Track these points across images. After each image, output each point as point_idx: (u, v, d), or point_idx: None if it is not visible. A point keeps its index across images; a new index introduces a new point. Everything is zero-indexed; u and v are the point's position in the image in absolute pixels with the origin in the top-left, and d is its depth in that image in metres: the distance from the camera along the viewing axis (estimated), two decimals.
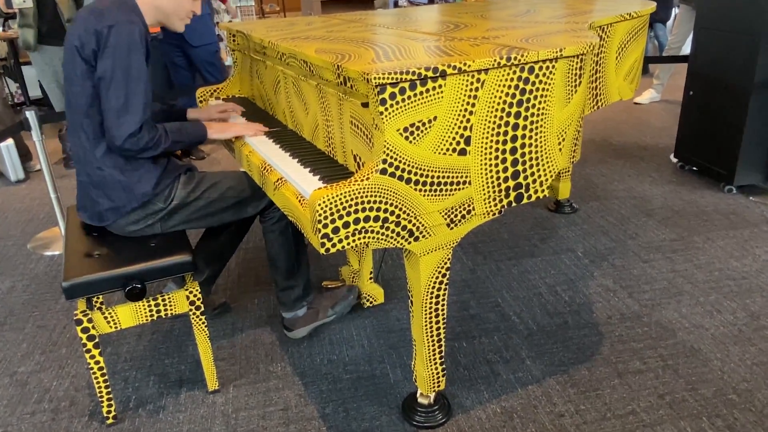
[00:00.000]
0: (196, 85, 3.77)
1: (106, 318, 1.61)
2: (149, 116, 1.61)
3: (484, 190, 1.41)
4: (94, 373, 1.64)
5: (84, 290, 1.57)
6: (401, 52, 1.44)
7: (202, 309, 1.71)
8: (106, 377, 1.66)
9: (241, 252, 2.71)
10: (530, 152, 1.44)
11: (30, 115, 2.61)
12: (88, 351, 1.61)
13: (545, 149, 1.46)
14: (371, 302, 2.22)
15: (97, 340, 1.60)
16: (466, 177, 1.38)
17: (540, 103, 1.40)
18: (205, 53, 3.88)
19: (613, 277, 2.36)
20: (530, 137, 1.42)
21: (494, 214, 1.46)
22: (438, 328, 1.57)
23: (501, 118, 1.37)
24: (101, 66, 1.55)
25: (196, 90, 2.39)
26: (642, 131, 4.19)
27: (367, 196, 1.26)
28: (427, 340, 1.57)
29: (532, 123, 1.41)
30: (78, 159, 1.70)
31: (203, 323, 1.73)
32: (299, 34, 1.88)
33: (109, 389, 1.68)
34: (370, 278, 2.23)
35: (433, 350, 1.60)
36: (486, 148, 1.38)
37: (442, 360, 1.62)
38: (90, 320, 1.58)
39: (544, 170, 1.48)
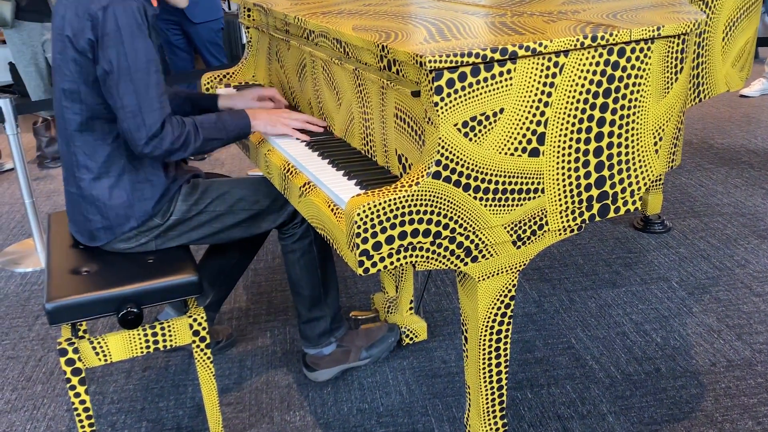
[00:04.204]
0: (198, 70, 3.87)
1: (94, 348, 1.65)
2: (169, 110, 1.63)
3: (560, 200, 1.42)
4: (79, 415, 1.68)
5: (71, 314, 1.62)
6: (459, 29, 1.47)
7: (208, 341, 1.75)
8: (93, 421, 1.70)
9: (251, 273, 2.76)
10: (619, 154, 1.44)
11: (4, 103, 2.71)
12: (73, 388, 1.65)
13: (638, 150, 1.46)
14: (411, 339, 2.23)
15: (83, 375, 1.65)
16: (539, 183, 1.39)
17: (632, 93, 1.41)
18: (207, 32, 3.98)
19: (717, 315, 2.33)
20: (619, 135, 1.43)
21: (572, 231, 1.47)
22: (499, 372, 1.57)
23: (583, 111, 1.38)
24: (103, 59, 1.58)
25: (195, 75, 2.46)
26: (751, 131, 4.13)
27: (415, 205, 1.28)
28: (485, 387, 1.58)
29: (621, 118, 1.41)
30: (68, 166, 1.74)
31: (208, 359, 1.77)
32: (331, 8, 1.93)
33: None
34: (410, 309, 2.24)
35: (492, 400, 1.60)
36: (564, 148, 1.39)
37: (504, 413, 1.62)
38: (76, 351, 1.63)
39: (637, 177, 1.48)
